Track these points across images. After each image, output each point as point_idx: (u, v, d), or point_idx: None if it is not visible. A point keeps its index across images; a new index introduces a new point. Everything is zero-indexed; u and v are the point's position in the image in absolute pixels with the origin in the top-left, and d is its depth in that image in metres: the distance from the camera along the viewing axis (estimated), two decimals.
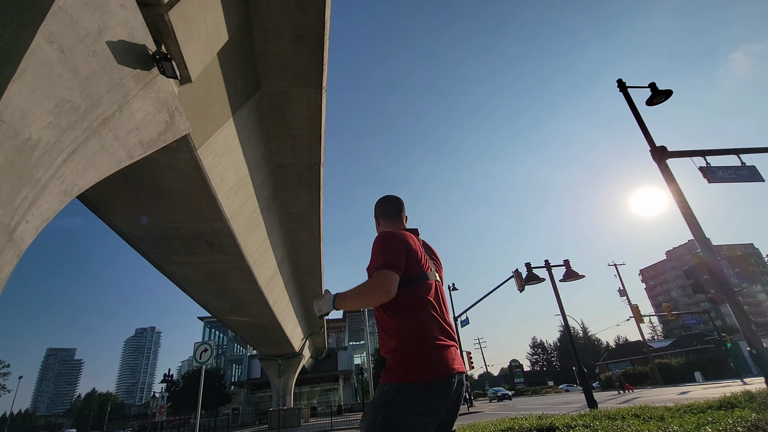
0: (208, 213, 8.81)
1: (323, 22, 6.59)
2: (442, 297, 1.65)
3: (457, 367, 1.41)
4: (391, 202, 1.98)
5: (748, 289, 44.60)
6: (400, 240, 1.58)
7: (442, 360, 1.38)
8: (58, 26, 3.21)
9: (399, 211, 1.97)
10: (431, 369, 1.35)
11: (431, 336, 1.43)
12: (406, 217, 2.01)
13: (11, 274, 3.47)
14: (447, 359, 1.39)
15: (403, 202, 2.03)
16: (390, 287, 1.42)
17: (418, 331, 1.43)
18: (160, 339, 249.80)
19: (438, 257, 1.88)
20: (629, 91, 8.07)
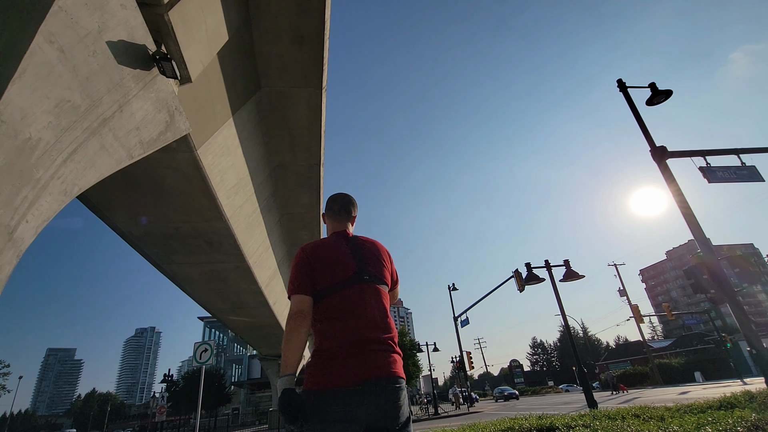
0: (208, 213, 8.81)
1: (323, 22, 6.59)
2: (371, 300, 1.55)
3: (367, 373, 1.35)
4: (331, 201, 1.91)
5: (748, 289, 44.60)
6: (303, 258, 1.60)
7: (349, 366, 1.37)
8: (58, 26, 3.21)
9: (338, 211, 1.87)
10: (332, 378, 1.35)
11: (336, 346, 1.42)
12: (348, 215, 1.88)
13: (11, 274, 3.47)
14: (354, 365, 1.37)
15: (344, 199, 1.90)
16: (300, 309, 1.46)
17: (325, 343, 1.43)
18: (160, 339, 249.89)
19: (382, 255, 1.73)
20: (629, 91, 8.07)
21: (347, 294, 1.53)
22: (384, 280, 1.66)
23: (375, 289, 1.59)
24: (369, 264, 1.65)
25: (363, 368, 1.37)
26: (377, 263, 1.68)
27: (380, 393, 1.34)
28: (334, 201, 1.90)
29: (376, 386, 1.34)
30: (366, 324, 1.47)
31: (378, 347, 1.43)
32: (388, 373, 1.39)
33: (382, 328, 1.49)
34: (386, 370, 1.39)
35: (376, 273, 1.64)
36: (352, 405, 1.31)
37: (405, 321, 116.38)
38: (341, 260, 1.62)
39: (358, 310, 1.50)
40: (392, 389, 1.36)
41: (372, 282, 1.60)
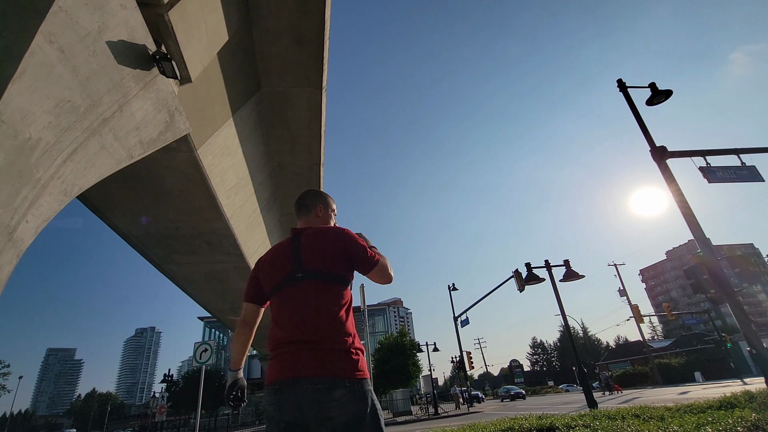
0: (208, 213, 8.81)
1: (323, 22, 6.59)
2: (292, 299, 1.52)
3: (284, 373, 1.38)
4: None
5: (748, 289, 44.58)
6: (254, 267, 1.74)
7: (272, 368, 1.43)
8: (58, 26, 3.21)
9: (296, 210, 1.91)
10: (266, 377, 1.46)
11: (270, 348, 1.50)
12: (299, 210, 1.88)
13: (11, 274, 3.47)
14: (275, 367, 1.42)
15: (299, 195, 1.91)
16: (242, 316, 1.68)
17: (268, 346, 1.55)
18: (160, 339, 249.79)
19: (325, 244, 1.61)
20: (629, 91, 8.07)
21: (281, 296, 1.54)
22: (325, 271, 1.54)
23: (309, 286, 1.51)
24: (307, 259, 1.56)
25: (280, 369, 1.39)
26: (317, 255, 1.57)
27: (297, 393, 1.33)
28: (299, 197, 1.92)
29: (293, 386, 1.34)
30: (290, 326, 1.45)
31: (300, 347, 1.40)
32: (306, 374, 1.35)
33: (309, 328, 1.43)
34: (304, 371, 1.35)
35: (315, 267, 1.54)
36: (275, 404, 1.36)
37: (405, 321, 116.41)
38: (279, 262, 1.61)
39: (287, 311, 1.49)
40: (312, 389, 1.33)
41: (307, 279, 1.52)
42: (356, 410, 1.33)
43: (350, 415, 1.32)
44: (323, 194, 1.94)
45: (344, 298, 1.54)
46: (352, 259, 1.61)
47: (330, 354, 1.39)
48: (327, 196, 1.94)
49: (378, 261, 1.64)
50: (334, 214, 1.95)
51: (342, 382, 1.34)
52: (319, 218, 1.84)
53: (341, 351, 1.40)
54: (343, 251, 1.59)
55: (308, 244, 1.61)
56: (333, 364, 1.37)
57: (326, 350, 1.39)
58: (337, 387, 1.33)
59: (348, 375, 1.37)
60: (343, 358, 1.40)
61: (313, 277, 1.52)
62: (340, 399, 1.32)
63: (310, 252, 1.58)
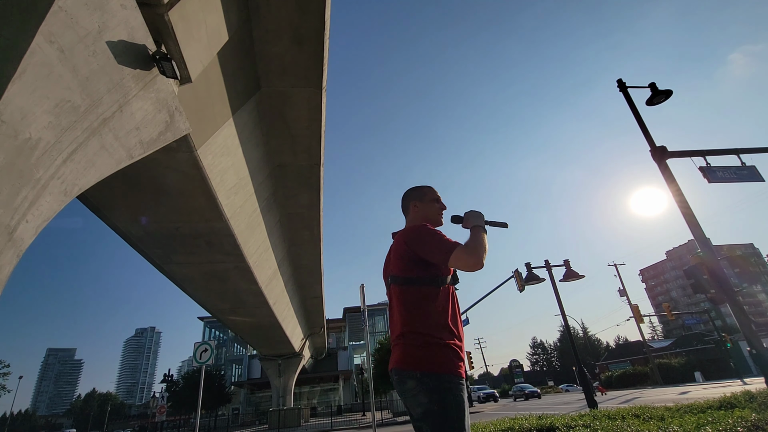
0: (208, 213, 8.81)
1: (323, 22, 6.59)
2: (392, 300, 1.69)
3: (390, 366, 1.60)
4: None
5: (748, 289, 44.53)
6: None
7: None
8: (58, 26, 3.21)
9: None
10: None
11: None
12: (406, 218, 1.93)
13: (11, 274, 3.47)
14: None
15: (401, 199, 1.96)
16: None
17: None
18: (160, 339, 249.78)
19: (397, 248, 1.69)
20: (629, 91, 8.07)
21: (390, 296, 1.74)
22: (399, 275, 1.62)
23: (393, 290, 1.67)
24: (389, 264, 1.73)
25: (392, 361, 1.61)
26: (393, 260, 1.70)
27: (395, 383, 1.53)
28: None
29: (392, 377, 1.56)
30: (390, 325, 1.70)
31: (392, 345, 1.62)
32: (392, 366, 1.55)
33: (394, 327, 1.63)
34: (392, 365, 1.56)
35: (393, 272, 1.67)
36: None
37: None
38: (384, 268, 1.82)
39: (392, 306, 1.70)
40: (396, 380, 1.52)
41: (392, 283, 1.68)
42: (427, 402, 1.38)
43: (423, 406, 1.40)
44: (418, 189, 1.91)
45: (420, 296, 1.57)
46: (421, 256, 1.60)
47: (406, 349, 1.50)
48: (421, 188, 1.91)
49: (451, 250, 1.55)
50: (435, 202, 1.89)
51: (413, 374, 1.43)
52: (418, 213, 1.86)
53: (415, 346, 1.48)
54: (408, 252, 1.62)
55: (392, 249, 1.76)
56: (406, 359, 1.48)
57: (403, 346, 1.52)
58: (409, 379, 1.44)
59: (419, 368, 1.43)
60: (416, 353, 1.47)
61: (393, 282, 1.66)
62: (412, 390, 1.42)
63: (393, 257, 1.72)
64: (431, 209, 1.86)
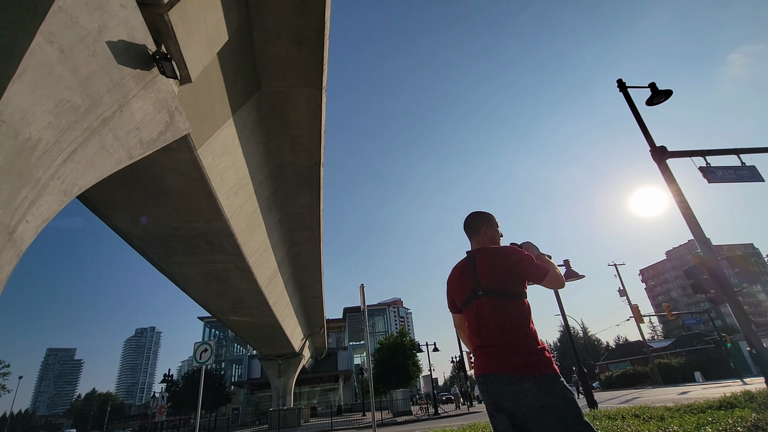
0: (208, 213, 8.81)
1: (323, 22, 6.59)
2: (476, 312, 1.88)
3: (480, 370, 1.80)
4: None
5: (748, 289, 44.53)
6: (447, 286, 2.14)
7: (475, 365, 1.87)
8: (58, 26, 3.21)
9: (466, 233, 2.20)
10: (474, 371, 1.91)
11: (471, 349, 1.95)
12: (469, 232, 2.17)
13: (11, 274, 3.47)
14: (476, 364, 1.85)
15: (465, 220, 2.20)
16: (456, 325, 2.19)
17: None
18: (160, 339, 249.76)
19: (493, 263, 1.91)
20: (629, 91, 8.07)
21: (469, 309, 1.91)
22: (499, 289, 1.83)
23: (488, 301, 1.83)
24: (482, 278, 1.88)
25: (478, 367, 1.81)
26: (491, 274, 1.87)
27: (488, 385, 1.73)
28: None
29: (486, 380, 1.74)
30: (480, 334, 1.83)
31: (487, 351, 1.79)
32: (493, 370, 1.73)
33: (492, 335, 1.79)
34: (492, 368, 1.74)
35: (490, 285, 1.85)
36: (482, 391, 1.79)
37: (405, 321, 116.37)
38: (458, 282, 2.01)
39: (474, 322, 1.87)
40: (498, 382, 1.69)
41: (486, 295, 1.84)
42: (542, 399, 1.59)
43: (538, 403, 1.59)
44: (486, 214, 2.21)
45: (519, 308, 1.81)
46: (523, 275, 1.87)
47: (511, 355, 1.70)
48: (489, 215, 2.22)
49: (547, 270, 1.88)
50: (498, 229, 2.20)
51: (531, 376, 1.63)
52: (487, 237, 2.12)
53: (528, 353, 1.70)
54: (512, 268, 1.87)
55: (483, 264, 1.92)
56: (521, 364, 1.67)
57: (507, 352, 1.72)
58: (523, 381, 1.63)
59: (536, 371, 1.65)
60: (531, 358, 1.69)
61: (489, 294, 1.83)
62: (525, 391, 1.61)
63: (485, 272, 1.89)
64: (497, 234, 2.17)
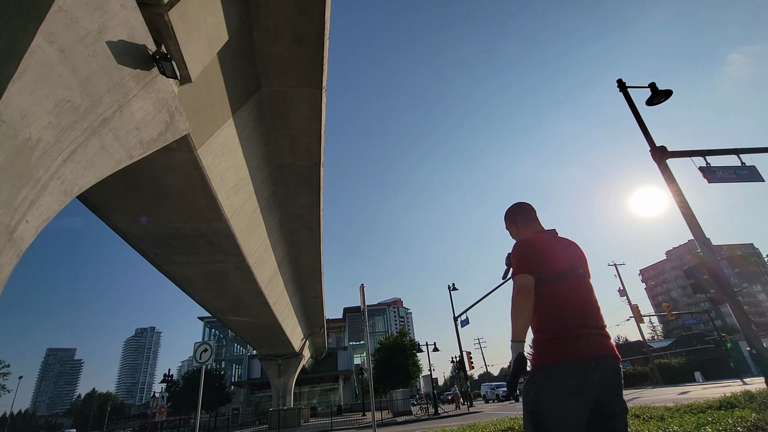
0: (208, 213, 8.81)
1: (323, 22, 6.59)
2: (583, 289, 1.84)
3: (588, 352, 1.64)
4: (519, 208, 2.25)
5: (748, 289, 44.52)
6: (529, 245, 1.91)
7: (569, 347, 1.66)
8: (58, 26, 3.21)
9: (532, 217, 2.20)
10: (557, 354, 1.66)
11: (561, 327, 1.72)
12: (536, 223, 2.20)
13: (11, 274, 3.47)
14: (574, 346, 1.65)
15: (531, 208, 2.24)
16: (524, 287, 1.77)
17: (548, 324, 1.77)
18: (160, 339, 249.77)
19: (580, 252, 2.01)
20: (629, 91, 8.07)
21: (577, 283, 1.85)
22: (589, 277, 1.94)
23: (587, 284, 1.88)
24: (579, 262, 1.94)
25: (585, 348, 1.65)
26: (584, 263, 1.98)
27: (598, 372, 1.62)
28: (523, 208, 2.24)
29: (597, 365, 1.63)
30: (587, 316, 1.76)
31: (596, 329, 1.73)
32: (604, 353, 1.67)
33: (602, 320, 1.80)
34: (604, 350, 1.68)
35: (585, 272, 1.94)
36: (573, 378, 1.60)
37: (405, 321, 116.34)
38: (572, 250, 1.98)
39: (581, 301, 1.80)
40: (617, 368, 1.67)
41: (584, 278, 1.89)
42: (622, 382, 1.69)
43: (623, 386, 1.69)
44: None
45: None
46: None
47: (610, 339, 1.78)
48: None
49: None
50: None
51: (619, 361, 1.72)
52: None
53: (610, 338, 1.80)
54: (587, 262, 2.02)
55: (577, 252, 1.99)
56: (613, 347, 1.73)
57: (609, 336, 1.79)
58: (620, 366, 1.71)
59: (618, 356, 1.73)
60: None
61: (586, 278, 1.91)
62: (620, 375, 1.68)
63: (581, 259, 1.97)
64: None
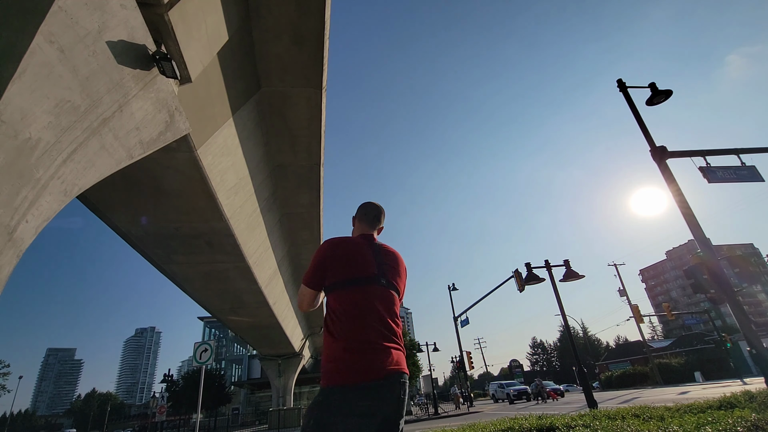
0: (208, 213, 8.81)
1: (323, 22, 6.59)
2: (386, 300, 1.69)
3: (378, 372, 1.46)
4: (365, 207, 2.07)
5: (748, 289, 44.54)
6: (323, 253, 1.73)
7: (360, 364, 1.46)
8: (58, 26, 3.21)
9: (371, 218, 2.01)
10: (345, 374, 1.44)
11: (352, 340, 1.50)
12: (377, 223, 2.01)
13: (11, 274, 3.47)
14: (366, 363, 1.47)
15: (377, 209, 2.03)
16: (302, 302, 1.81)
17: (338, 337, 1.53)
18: (160, 339, 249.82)
19: (400, 267, 1.85)
20: (629, 91, 8.07)
21: (371, 292, 1.66)
22: (398, 288, 1.79)
23: (389, 294, 1.72)
24: (388, 271, 1.77)
25: (375, 365, 1.47)
26: (395, 273, 1.80)
27: (384, 391, 1.45)
28: (368, 207, 2.03)
29: (387, 383, 1.47)
30: (375, 324, 1.58)
31: (389, 345, 1.57)
32: (393, 371, 1.51)
33: (393, 330, 1.63)
34: (393, 368, 1.52)
35: (392, 280, 1.76)
36: (362, 399, 1.41)
37: (405, 321, 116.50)
38: (362, 259, 1.74)
39: (370, 308, 1.61)
40: (402, 383, 1.52)
41: (387, 287, 1.72)
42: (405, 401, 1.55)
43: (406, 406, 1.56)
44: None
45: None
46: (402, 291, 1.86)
47: (402, 355, 1.63)
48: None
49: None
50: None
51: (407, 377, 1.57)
52: (378, 234, 2.05)
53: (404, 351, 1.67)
54: (404, 283, 1.88)
55: (393, 263, 1.83)
56: (405, 364, 1.62)
57: (400, 351, 1.62)
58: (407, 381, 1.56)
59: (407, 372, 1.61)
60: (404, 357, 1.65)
61: (392, 288, 1.75)
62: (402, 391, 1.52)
63: (390, 268, 1.79)
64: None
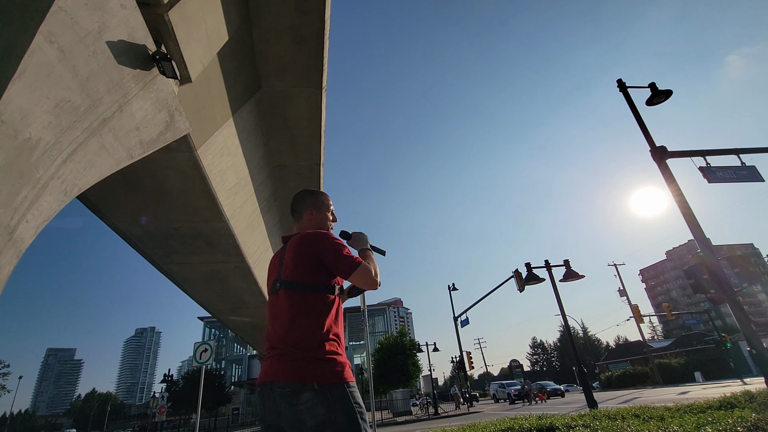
0: (208, 213, 8.81)
1: (323, 22, 6.59)
2: (271, 308, 1.60)
3: (262, 377, 1.47)
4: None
5: (748, 289, 44.51)
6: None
7: (261, 370, 1.54)
8: (58, 26, 3.21)
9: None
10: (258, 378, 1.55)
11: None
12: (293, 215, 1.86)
13: (11, 274, 3.47)
14: (261, 370, 1.53)
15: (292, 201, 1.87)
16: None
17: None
18: (160, 339, 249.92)
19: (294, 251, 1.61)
20: (629, 91, 8.07)
21: (269, 304, 1.64)
22: (296, 281, 1.55)
23: (283, 296, 1.54)
24: (284, 268, 1.60)
25: (263, 373, 1.48)
26: (291, 265, 1.58)
27: (273, 397, 1.41)
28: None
29: (268, 390, 1.43)
30: (271, 333, 1.54)
31: (274, 354, 1.48)
32: (278, 379, 1.42)
33: (282, 337, 1.48)
34: (272, 376, 1.43)
35: (289, 277, 1.56)
36: (261, 405, 1.46)
37: (405, 321, 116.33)
38: (269, 272, 1.72)
39: (270, 319, 1.59)
40: (283, 393, 1.38)
41: (282, 288, 1.56)
42: (325, 413, 1.34)
43: (319, 417, 1.33)
44: (315, 194, 1.87)
45: (317, 305, 1.52)
46: (326, 264, 1.57)
47: (298, 362, 1.42)
48: (319, 195, 1.87)
49: (358, 264, 1.56)
50: (330, 213, 1.88)
51: (310, 386, 1.36)
52: (312, 221, 1.81)
53: (310, 359, 1.42)
54: (314, 257, 1.57)
55: (290, 252, 1.62)
56: (302, 371, 1.40)
57: (296, 358, 1.43)
58: (305, 391, 1.35)
59: (318, 380, 1.38)
60: (312, 364, 1.41)
61: (287, 287, 1.55)
62: (308, 402, 1.34)
63: (289, 261, 1.59)
64: (326, 220, 1.85)
